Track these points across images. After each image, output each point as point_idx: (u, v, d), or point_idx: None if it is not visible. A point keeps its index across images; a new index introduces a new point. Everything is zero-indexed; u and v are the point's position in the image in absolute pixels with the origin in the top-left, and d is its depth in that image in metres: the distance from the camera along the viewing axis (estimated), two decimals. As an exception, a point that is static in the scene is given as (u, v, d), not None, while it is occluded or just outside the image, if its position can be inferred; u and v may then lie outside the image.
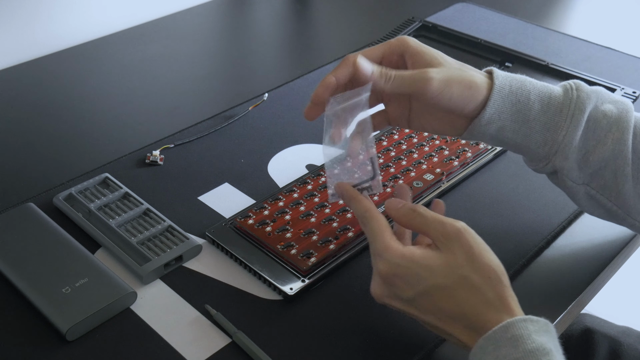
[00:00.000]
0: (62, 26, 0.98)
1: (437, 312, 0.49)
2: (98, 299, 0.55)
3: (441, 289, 0.48)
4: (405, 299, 0.50)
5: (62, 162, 0.74)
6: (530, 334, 0.45)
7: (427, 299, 0.49)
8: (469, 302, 0.48)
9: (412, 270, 0.49)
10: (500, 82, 0.56)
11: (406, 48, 0.56)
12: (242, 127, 0.80)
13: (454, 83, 0.54)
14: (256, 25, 1.12)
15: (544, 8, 1.24)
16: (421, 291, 0.49)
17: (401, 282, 0.49)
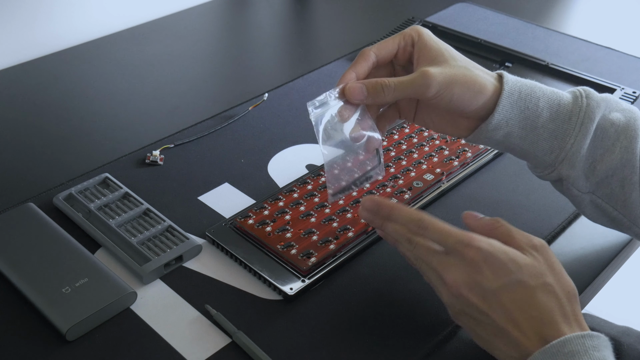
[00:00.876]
0: (62, 26, 0.98)
1: (513, 311, 0.48)
2: (98, 299, 0.55)
3: (525, 287, 0.48)
4: (488, 289, 0.48)
5: (62, 162, 0.74)
6: (587, 349, 0.45)
7: (510, 294, 0.48)
8: (548, 307, 0.47)
9: (502, 261, 0.48)
10: (510, 88, 0.55)
11: (417, 40, 0.56)
12: (242, 127, 0.80)
13: (455, 84, 0.54)
14: (256, 25, 1.12)
15: (544, 8, 1.24)
16: (506, 283, 0.48)
17: (489, 271, 0.48)
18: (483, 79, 0.55)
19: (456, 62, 0.55)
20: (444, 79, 0.53)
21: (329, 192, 0.57)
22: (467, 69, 0.55)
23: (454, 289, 0.49)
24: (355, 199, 0.67)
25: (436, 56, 0.55)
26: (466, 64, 0.56)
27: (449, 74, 0.54)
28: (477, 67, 0.56)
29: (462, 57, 0.57)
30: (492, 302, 0.48)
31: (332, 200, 0.57)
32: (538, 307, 0.47)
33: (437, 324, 0.56)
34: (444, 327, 0.56)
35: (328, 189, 0.57)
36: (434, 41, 0.56)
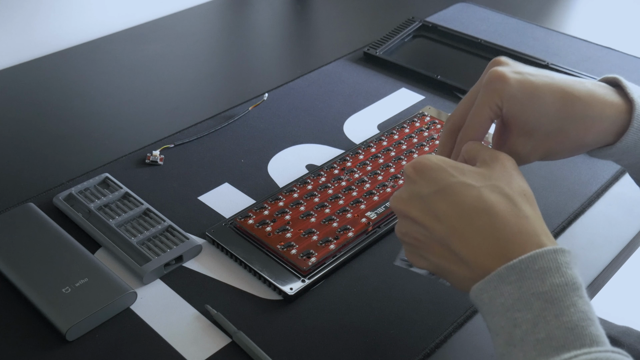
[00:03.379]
0: (62, 26, 0.98)
1: (453, 217, 0.44)
2: (98, 299, 0.55)
3: (467, 187, 0.44)
4: (424, 195, 0.45)
5: (62, 162, 0.74)
6: (559, 266, 0.41)
7: (448, 196, 0.44)
8: (499, 208, 0.43)
9: (441, 167, 0.46)
10: (639, 124, 0.49)
11: (501, 105, 0.50)
12: (242, 127, 0.80)
13: (556, 154, 0.50)
14: (256, 25, 1.12)
15: (544, 8, 1.24)
16: (444, 186, 0.45)
17: (424, 179, 0.46)
18: (589, 137, 0.49)
19: (549, 125, 0.49)
20: (539, 155, 0.51)
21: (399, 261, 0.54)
22: (563, 132, 0.49)
23: (392, 203, 0.48)
24: (355, 199, 0.67)
25: (523, 123, 0.49)
26: (561, 121, 0.49)
27: (544, 149, 0.50)
28: (583, 115, 0.49)
29: (555, 106, 0.48)
30: (429, 208, 0.45)
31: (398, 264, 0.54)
32: (486, 207, 0.43)
33: (437, 324, 0.56)
34: (444, 328, 0.56)
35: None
36: (519, 104, 0.49)
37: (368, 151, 0.74)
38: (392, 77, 0.91)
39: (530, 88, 0.49)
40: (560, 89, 0.49)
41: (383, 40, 0.97)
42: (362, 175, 0.70)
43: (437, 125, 0.79)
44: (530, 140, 0.50)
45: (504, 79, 0.49)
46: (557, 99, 0.49)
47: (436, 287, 0.59)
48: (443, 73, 0.90)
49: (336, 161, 0.73)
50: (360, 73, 0.92)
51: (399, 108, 0.85)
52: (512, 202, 0.44)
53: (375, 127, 0.81)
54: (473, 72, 0.93)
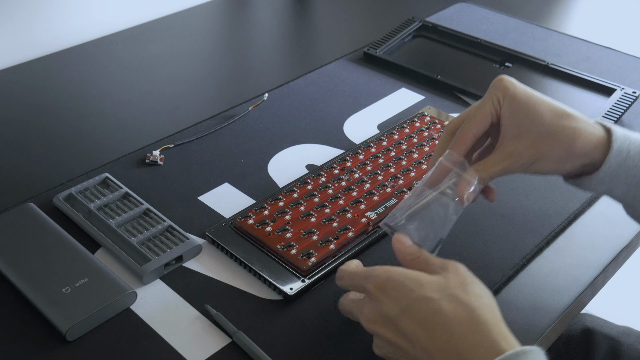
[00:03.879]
0: (62, 26, 0.98)
1: (421, 334, 0.45)
2: (98, 299, 0.55)
3: (429, 302, 0.45)
4: (392, 317, 0.46)
5: (62, 162, 0.74)
6: None
7: (414, 315, 0.46)
8: (458, 319, 0.44)
9: (400, 282, 0.47)
10: (619, 147, 0.53)
11: (502, 103, 0.54)
12: (242, 127, 0.80)
13: (543, 159, 0.53)
14: (256, 25, 1.12)
15: (544, 8, 1.24)
16: (408, 305, 0.46)
17: (388, 298, 0.47)
18: (571, 134, 0.53)
19: (541, 127, 0.53)
20: (530, 155, 0.53)
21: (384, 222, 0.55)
22: (550, 134, 0.53)
23: (366, 326, 0.49)
24: (355, 199, 0.67)
25: (521, 122, 0.53)
26: (551, 124, 0.53)
27: (533, 149, 0.53)
28: (565, 119, 0.53)
29: (549, 111, 0.53)
30: (399, 330, 0.46)
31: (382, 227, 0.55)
32: (447, 321, 0.44)
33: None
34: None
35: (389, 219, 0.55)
36: (517, 102, 0.54)
37: (368, 151, 0.74)
38: (392, 77, 0.91)
39: (530, 95, 0.54)
40: (554, 105, 0.54)
41: (383, 40, 0.97)
42: (362, 175, 0.70)
43: (437, 125, 0.79)
44: (522, 141, 0.53)
45: (509, 81, 0.55)
46: (551, 110, 0.54)
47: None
48: (443, 73, 0.90)
49: (336, 161, 0.73)
50: (360, 73, 0.92)
51: (399, 108, 0.85)
52: (470, 310, 0.45)
53: (375, 127, 0.81)
54: (473, 72, 0.93)
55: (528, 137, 0.53)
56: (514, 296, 0.60)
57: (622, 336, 0.78)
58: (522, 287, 0.61)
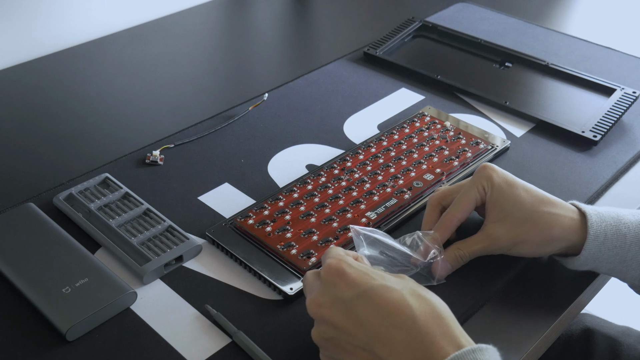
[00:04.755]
0: (62, 26, 0.98)
1: (382, 321, 0.44)
2: (98, 299, 0.55)
3: (391, 289, 0.45)
4: (346, 299, 0.46)
5: (62, 162, 0.74)
6: None
7: (372, 299, 0.45)
8: (420, 311, 0.44)
9: (361, 271, 0.47)
10: (595, 232, 0.56)
11: (488, 192, 0.58)
12: (242, 127, 0.80)
13: (522, 244, 0.57)
14: (256, 25, 1.12)
15: (544, 8, 1.24)
16: (366, 290, 0.45)
17: (344, 282, 0.46)
18: (549, 220, 0.56)
19: (520, 214, 0.57)
20: (508, 240, 0.57)
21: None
22: (529, 220, 0.56)
23: (312, 308, 0.48)
24: (355, 199, 0.67)
25: (499, 212, 0.58)
26: (531, 210, 0.57)
27: (512, 234, 0.57)
28: (545, 206, 0.57)
29: (530, 198, 0.57)
30: (351, 314, 0.45)
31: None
32: (409, 311, 0.44)
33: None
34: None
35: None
36: (500, 189, 0.58)
37: (368, 151, 0.74)
38: (392, 77, 0.91)
39: (512, 181, 0.59)
40: (535, 192, 0.58)
41: (383, 40, 0.97)
42: (362, 175, 0.71)
43: (437, 125, 0.79)
44: (503, 226, 0.57)
45: (494, 170, 0.59)
46: (531, 196, 0.58)
47: (435, 288, 0.59)
48: (443, 73, 0.90)
49: (336, 161, 0.73)
50: (360, 73, 0.92)
51: (399, 108, 0.85)
52: (431, 304, 0.45)
53: (375, 127, 0.81)
54: (473, 72, 0.93)
55: (508, 222, 0.57)
56: (514, 296, 0.60)
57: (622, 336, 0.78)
58: (522, 287, 0.61)
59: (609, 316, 0.84)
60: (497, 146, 0.76)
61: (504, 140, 0.77)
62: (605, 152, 0.78)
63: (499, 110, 0.85)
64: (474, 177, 0.59)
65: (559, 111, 0.85)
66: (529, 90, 0.90)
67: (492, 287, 0.60)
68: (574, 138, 0.79)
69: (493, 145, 0.76)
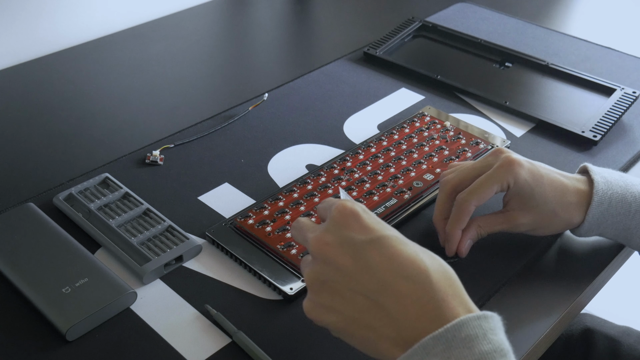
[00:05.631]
0: (62, 26, 0.98)
1: (393, 270, 0.42)
2: (98, 299, 0.55)
3: (405, 244, 0.43)
4: (357, 241, 0.43)
5: (62, 162, 0.74)
6: (485, 333, 0.40)
7: (384, 248, 0.43)
8: (433, 269, 0.42)
9: (378, 220, 0.45)
10: (600, 198, 0.58)
11: (512, 186, 0.58)
12: (242, 127, 0.80)
13: (541, 228, 0.60)
14: (256, 25, 1.12)
15: (544, 8, 1.24)
16: (381, 237, 0.43)
17: (360, 224, 0.44)
18: (569, 218, 0.60)
19: (545, 206, 0.59)
20: (529, 227, 0.60)
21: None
22: (555, 213, 0.59)
23: (316, 246, 0.45)
24: (355, 199, 0.67)
25: (527, 201, 0.59)
26: (555, 204, 0.59)
27: (535, 222, 0.59)
28: (566, 202, 0.59)
29: (554, 190, 0.59)
30: (361, 258, 0.43)
31: None
32: (423, 267, 0.42)
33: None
34: (444, 327, 0.56)
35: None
36: (528, 186, 0.58)
37: (368, 151, 0.74)
38: (392, 77, 0.91)
39: (538, 175, 0.58)
40: (558, 181, 0.59)
41: (383, 40, 0.97)
42: (362, 175, 0.71)
43: (437, 125, 0.79)
44: (526, 215, 0.59)
45: (521, 165, 0.58)
46: (554, 189, 0.59)
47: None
48: (443, 73, 0.90)
49: (336, 161, 0.73)
50: (360, 73, 0.92)
51: (399, 108, 0.85)
52: (442, 265, 0.44)
53: (375, 127, 0.81)
54: (473, 72, 0.93)
55: (533, 213, 0.59)
56: (514, 296, 0.60)
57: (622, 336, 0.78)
58: (522, 287, 0.61)
59: (609, 316, 0.85)
60: (497, 146, 0.76)
61: (504, 140, 0.77)
62: (605, 152, 0.78)
63: (499, 110, 0.85)
64: (499, 169, 0.58)
65: (559, 111, 0.85)
66: (529, 90, 0.90)
67: (493, 287, 0.60)
68: (574, 138, 0.79)
69: (493, 145, 0.76)
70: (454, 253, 0.60)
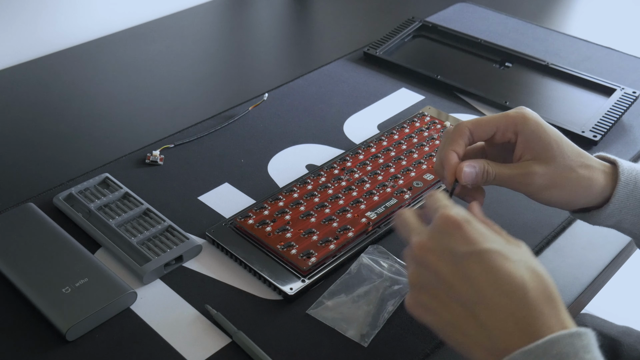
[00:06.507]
0: (62, 26, 0.98)
1: (483, 284, 0.42)
2: (98, 299, 0.55)
3: (506, 258, 0.43)
4: (457, 252, 0.43)
5: (62, 162, 0.74)
6: (577, 351, 0.40)
7: (485, 262, 0.43)
8: (528, 286, 0.42)
9: (479, 230, 0.44)
10: (626, 178, 0.54)
11: (522, 128, 0.54)
12: (242, 127, 0.80)
13: (555, 188, 0.53)
14: (256, 25, 1.12)
15: (544, 8, 1.24)
16: (480, 250, 0.43)
17: (461, 236, 0.44)
18: (593, 178, 0.54)
19: (564, 160, 0.53)
20: (545, 181, 0.53)
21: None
22: (573, 169, 0.53)
23: (418, 251, 0.45)
24: (355, 199, 0.67)
25: (543, 150, 0.53)
26: (573, 161, 0.53)
27: (551, 176, 0.53)
28: (586, 162, 0.54)
29: (572, 149, 0.54)
30: (459, 269, 0.43)
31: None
32: (522, 284, 0.42)
33: (437, 324, 0.56)
34: (444, 327, 0.56)
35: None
36: (541, 132, 0.53)
37: (368, 151, 0.74)
38: (392, 77, 0.91)
39: (552, 130, 0.54)
40: (577, 149, 0.55)
41: (383, 40, 0.97)
42: (362, 175, 0.71)
43: (437, 125, 0.79)
44: (544, 165, 0.53)
45: (531, 114, 0.54)
46: (572, 147, 0.54)
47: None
48: (443, 73, 0.90)
49: (336, 161, 0.73)
50: (360, 73, 0.92)
51: (399, 108, 0.85)
52: (543, 282, 0.43)
53: (375, 127, 0.81)
54: (473, 72, 0.93)
55: (547, 164, 0.53)
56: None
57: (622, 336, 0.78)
58: (522, 287, 0.61)
59: (609, 316, 0.85)
60: (497, 146, 0.76)
61: (504, 140, 0.77)
62: (605, 152, 0.78)
63: (499, 110, 0.85)
64: (508, 112, 0.54)
65: (559, 111, 0.85)
66: (529, 90, 0.90)
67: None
68: (574, 138, 0.79)
69: (493, 145, 0.76)
70: (452, 184, 0.54)
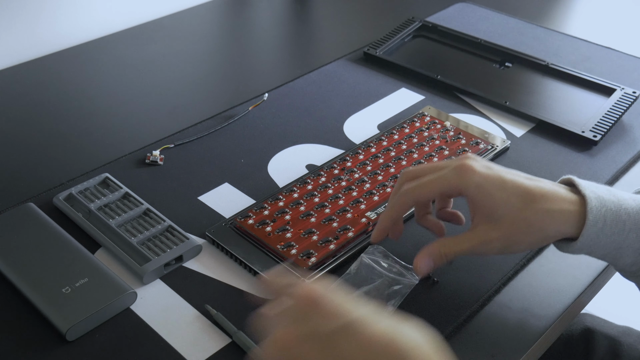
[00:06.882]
0: (62, 26, 0.98)
1: (364, 358, 0.37)
2: (98, 299, 0.55)
3: (374, 322, 0.39)
4: (325, 334, 0.38)
5: (62, 162, 0.74)
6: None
7: (355, 335, 0.38)
8: (411, 341, 0.38)
9: (337, 299, 0.40)
10: (595, 217, 0.52)
11: (465, 191, 0.53)
12: (242, 127, 0.80)
13: (517, 245, 0.53)
14: (256, 25, 1.12)
15: (544, 8, 1.24)
16: (350, 321, 0.38)
17: (325, 311, 0.39)
18: (549, 218, 0.52)
19: (515, 214, 0.52)
20: (504, 243, 0.53)
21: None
22: (526, 220, 0.52)
23: (283, 343, 0.39)
24: (355, 199, 0.67)
25: (491, 210, 0.52)
26: (525, 209, 0.52)
27: (508, 236, 0.52)
28: (537, 199, 0.52)
29: (518, 193, 0.52)
30: (330, 350, 0.38)
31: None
32: (392, 350, 0.37)
33: (436, 324, 0.56)
34: (444, 328, 0.56)
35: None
36: (485, 193, 0.52)
37: (368, 151, 0.74)
38: (392, 77, 0.91)
39: (499, 181, 0.53)
40: (524, 186, 0.53)
41: (383, 40, 0.97)
42: (362, 175, 0.71)
43: (437, 125, 0.79)
44: (497, 227, 0.52)
45: (473, 170, 0.53)
46: (521, 193, 0.52)
47: (435, 289, 0.59)
48: (443, 73, 0.90)
49: (336, 161, 0.73)
50: (360, 73, 0.92)
51: (399, 108, 0.85)
52: (422, 339, 0.39)
53: (375, 127, 0.81)
54: (473, 72, 0.93)
55: (500, 225, 0.52)
56: (514, 296, 0.60)
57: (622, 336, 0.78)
58: (522, 287, 0.61)
59: (609, 316, 0.84)
60: (497, 146, 0.76)
61: (504, 140, 0.77)
62: (605, 152, 0.78)
63: (499, 110, 0.85)
64: (449, 172, 0.54)
65: (559, 111, 0.85)
66: (529, 90, 0.90)
67: (492, 287, 0.60)
68: (574, 138, 0.79)
69: (493, 145, 0.76)
70: (378, 240, 0.57)
